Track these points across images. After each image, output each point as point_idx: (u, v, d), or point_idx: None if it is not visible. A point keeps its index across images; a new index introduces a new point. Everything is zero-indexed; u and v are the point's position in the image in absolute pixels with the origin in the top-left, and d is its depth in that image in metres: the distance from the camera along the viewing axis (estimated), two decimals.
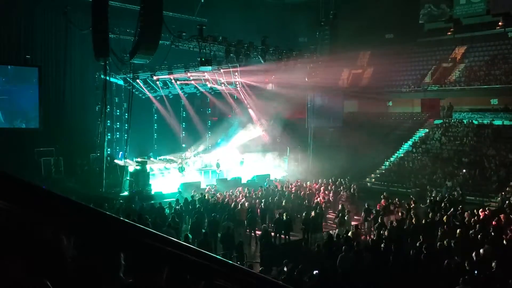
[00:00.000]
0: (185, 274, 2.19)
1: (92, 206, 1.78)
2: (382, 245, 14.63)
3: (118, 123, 32.12)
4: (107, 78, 25.67)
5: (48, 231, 1.92)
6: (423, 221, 18.19)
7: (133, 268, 2.48)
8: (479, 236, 15.20)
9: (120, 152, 31.06)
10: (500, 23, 39.13)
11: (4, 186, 1.56)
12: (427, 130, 37.41)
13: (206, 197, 22.89)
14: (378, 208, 21.23)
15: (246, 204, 21.54)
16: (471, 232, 16.15)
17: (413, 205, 21.73)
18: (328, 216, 22.98)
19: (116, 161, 28.90)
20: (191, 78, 31.25)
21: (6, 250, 1.76)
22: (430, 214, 19.43)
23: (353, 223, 19.64)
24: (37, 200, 1.64)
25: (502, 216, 18.54)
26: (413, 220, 18.30)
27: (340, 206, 21.79)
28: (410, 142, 36.55)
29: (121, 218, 1.85)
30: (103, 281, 2.31)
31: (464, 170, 29.05)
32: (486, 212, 19.42)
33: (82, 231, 1.88)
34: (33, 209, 1.66)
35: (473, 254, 12.94)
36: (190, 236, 17.24)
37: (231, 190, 25.63)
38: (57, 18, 30.09)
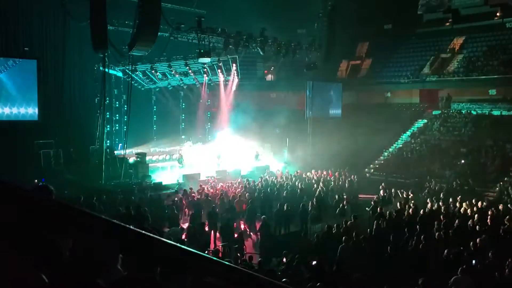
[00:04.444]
0: (174, 272, 2.24)
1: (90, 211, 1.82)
2: (381, 236, 14.73)
3: (117, 115, 32.12)
4: (106, 70, 25.67)
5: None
6: (422, 211, 18.27)
7: (129, 262, 2.54)
8: (477, 226, 15.31)
9: (120, 144, 31.10)
10: (497, 14, 39.10)
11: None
12: (426, 120, 37.44)
13: (206, 189, 22.98)
14: (376, 199, 21.31)
15: (246, 195, 21.64)
16: (469, 222, 16.26)
17: (411, 195, 21.82)
18: (328, 206, 22.98)
19: (115, 152, 28.96)
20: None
21: (2, 245, 1.80)
22: (429, 204, 19.52)
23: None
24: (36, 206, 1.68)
25: (500, 206, 18.68)
26: (411, 210, 18.40)
27: (337, 196, 21.84)
28: (408, 133, 36.59)
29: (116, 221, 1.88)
30: (100, 273, 2.35)
31: (462, 160, 29.08)
32: (484, 203, 19.54)
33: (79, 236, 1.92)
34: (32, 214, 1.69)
35: (471, 244, 13.05)
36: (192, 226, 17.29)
37: (230, 182, 25.72)
38: (55, 10, 29.98)
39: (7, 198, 1.59)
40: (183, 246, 1.86)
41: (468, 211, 18.19)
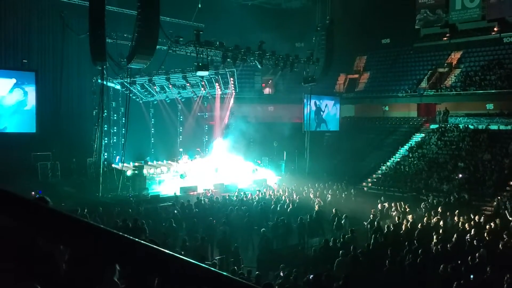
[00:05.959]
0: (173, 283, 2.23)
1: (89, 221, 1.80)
2: (379, 250, 14.67)
3: (115, 128, 32.09)
4: (104, 82, 25.68)
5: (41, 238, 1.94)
6: (419, 225, 18.24)
7: (127, 273, 2.52)
8: (475, 240, 15.27)
9: (117, 157, 31.04)
10: (495, 29, 39.28)
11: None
12: (423, 134, 37.44)
13: (203, 202, 22.91)
14: (373, 213, 21.26)
15: (243, 208, 21.55)
16: (467, 236, 16.22)
17: (408, 209, 21.79)
18: (325, 220, 22.89)
19: (113, 165, 28.89)
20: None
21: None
22: (426, 219, 19.50)
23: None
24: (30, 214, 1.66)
25: (497, 220, 18.66)
26: (408, 225, 18.36)
27: (335, 210, 21.77)
28: (406, 147, 36.57)
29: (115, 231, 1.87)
30: (96, 286, 2.33)
31: (460, 175, 29.07)
32: (482, 217, 19.53)
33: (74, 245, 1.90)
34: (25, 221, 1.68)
35: (469, 259, 13.00)
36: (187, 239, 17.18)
37: (227, 194, 25.66)
38: (54, 23, 30.15)
39: (6, 207, 1.59)
40: (181, 257, 1.84)
41: (466, 225, 18.17)
